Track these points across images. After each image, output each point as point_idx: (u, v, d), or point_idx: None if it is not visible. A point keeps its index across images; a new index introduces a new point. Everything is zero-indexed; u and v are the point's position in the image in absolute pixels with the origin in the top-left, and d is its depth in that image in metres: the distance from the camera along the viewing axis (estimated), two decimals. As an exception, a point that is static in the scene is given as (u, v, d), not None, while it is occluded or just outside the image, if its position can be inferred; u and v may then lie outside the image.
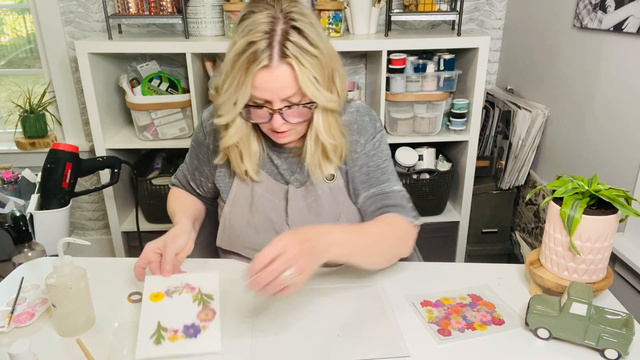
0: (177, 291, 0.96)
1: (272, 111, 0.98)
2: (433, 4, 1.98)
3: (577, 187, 0.97)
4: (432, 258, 1.24)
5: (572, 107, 1.85)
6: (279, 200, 1.13)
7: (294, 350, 0.90)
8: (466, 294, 1.05)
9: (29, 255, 1.23)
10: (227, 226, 1.18)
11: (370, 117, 1.14)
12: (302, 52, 0.93)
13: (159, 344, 0.86)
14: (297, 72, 0.93)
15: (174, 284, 0.97)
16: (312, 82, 0.95)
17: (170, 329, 0.89)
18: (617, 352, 0.86)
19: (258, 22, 0.93)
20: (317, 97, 0.97)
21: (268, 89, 0.95)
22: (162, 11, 1.95)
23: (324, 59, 0.96)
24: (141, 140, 2.07)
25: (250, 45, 0.92)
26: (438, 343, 0.92)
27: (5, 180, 1.79)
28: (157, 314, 0.91)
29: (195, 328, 0.89)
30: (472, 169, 2.09)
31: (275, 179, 1.14)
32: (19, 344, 0.75)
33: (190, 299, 0.94)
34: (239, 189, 1.15)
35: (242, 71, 0.93)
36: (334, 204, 1.13)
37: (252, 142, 1.09)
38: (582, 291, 0.88)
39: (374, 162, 1.12)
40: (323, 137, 1.04)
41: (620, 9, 1.53)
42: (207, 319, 0.91)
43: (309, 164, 1.08)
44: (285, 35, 0.92)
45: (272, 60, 0.92)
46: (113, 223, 2.16)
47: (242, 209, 1.15)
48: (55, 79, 2.30)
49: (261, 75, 0.93)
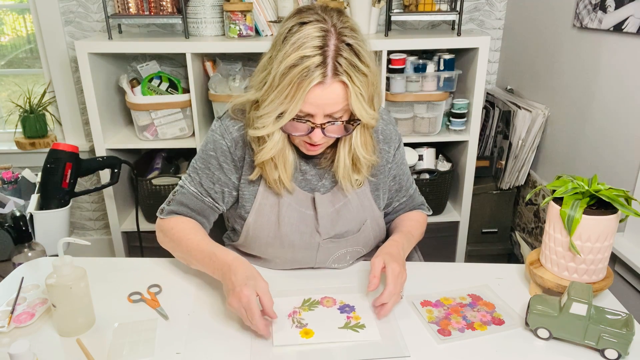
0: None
1: (314, 125, 0.97)
2: (433, 4, 1.98)
3: (577, 187, 0.97)
4: (432, 258, 1.24)
5: (572, 107, 1.85)
6: (306, 209, 1.11)
7: (294, 349, 0.90)
8: (466, 294, 1.05)
9: (29, 255, 1.23)
10: (251, 236, 1.14)
11: (393, 125, 1.19)
12: (354, 70, 0.92)
13: (357, 331, 0.94)
14: (351, 91, 0.93)
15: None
16: (360, 100, 0.95)
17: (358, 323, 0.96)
18: (617, 352, 0.86)
19: (310, 36, 0.91)
20: (362, 115, 0.97)
21: (317, 104, 0.94)
22: (162, 11, 1.95)
23: (371, 77, 0.96)
24: (141, 140, 2.07)
25: (302, 60, 0.90)
26: (438, 343, 0.92)
27: (5, 180, 1.79)
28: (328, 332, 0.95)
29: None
30: (472, 169, 2.09)
31: (300, 186, 1.11)
32: (19, 344, 0.75)
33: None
34: (265, 198, 1.10)
35: (293, 86, 0.91)
36: (361, 209, 1.14)
37: (288, 154, 1.06)
38: (582, 291, 0.88)
39: (402, 171, 1.22)
40: (360, 153, 1.04)
41: (620, 9, 1.53)
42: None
43: (341, 176, 1.08)
44: (338, 51, 0.91)
45: (325, 77, 0.91)
46: (113, 223, 2.16)
47: (269, 219, 1.11)
48: (55, 79, 2.30)
49: (314, 92, 0.92)
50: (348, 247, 1.15)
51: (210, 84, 2.04)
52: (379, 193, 1.17)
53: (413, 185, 1.27)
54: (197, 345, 0.91)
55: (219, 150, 1.10)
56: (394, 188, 1.21)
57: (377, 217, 1.18)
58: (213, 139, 1.11)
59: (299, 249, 1.12)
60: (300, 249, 1.12)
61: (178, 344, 0.91)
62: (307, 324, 0.96)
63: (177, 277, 1.12)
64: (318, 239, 1.11)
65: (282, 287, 1.07)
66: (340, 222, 1.12)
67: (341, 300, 1.03)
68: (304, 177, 1.12)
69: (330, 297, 1.04)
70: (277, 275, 1.14)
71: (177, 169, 2.23)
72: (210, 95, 2.04)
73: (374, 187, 1.16)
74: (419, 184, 2.10)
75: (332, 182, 1.12)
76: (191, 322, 0.97)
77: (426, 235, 1.25)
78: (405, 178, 1.23)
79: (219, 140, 1.10)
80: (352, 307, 1.01)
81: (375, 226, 1.18)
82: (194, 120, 2.01)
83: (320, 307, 1.01)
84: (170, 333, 0.94)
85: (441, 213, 2.21)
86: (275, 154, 1.03)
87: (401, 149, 1.21)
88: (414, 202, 1.27)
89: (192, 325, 0.96)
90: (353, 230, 1.14)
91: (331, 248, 1.13)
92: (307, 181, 1.12)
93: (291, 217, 1.10)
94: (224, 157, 1.11)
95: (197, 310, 1.01)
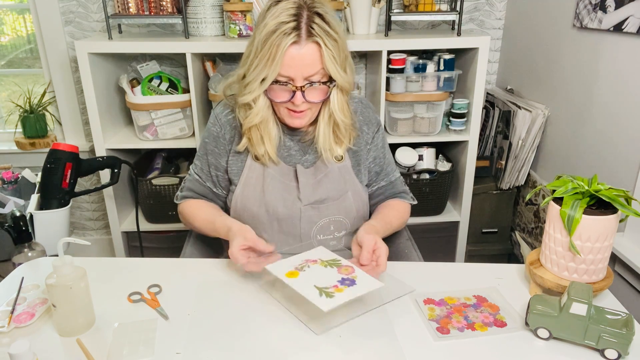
0: (304, 266, 1.04)
1: (295, 88, 1.08)
2: (433, 4, 1.98)
3: (577, 187, 0.97)
4: (432, 258, 1.24)
5: (572, 107, 1.85)
6: (289, 181, 1.21)
7: (291, 348, 0.90)
8: (472, 295, 1.05)
9: (29, 255, 1.23)
10: (239, 207, 1.23)
11: (372, 110, 1.30)
12: (325, 34, 1.05)
13: (331, 297, 0.91)
14: (323, 51, 1.05)
15: (294, 263, 1.05)
16: (333, 62, 1.07)
17: (330, 286, 0.95)
18: (617, 352, 0.86)
19: (285, 7, 1.05)
20: (336, 76, 1.09)
21: (294, 65, 1.05)
22: (162, 11, 1.95)
23: (341, 43, 1.09)
24: (141, 140, 2.07)
25: (280, 25, 1.03)
26: (435, 340, 0.92)
27: (5, 180, 1.79)
28: (307, 282, 0.97)
29: (350, 280, 0.97)
30: (472, 169, 2.09)
31: (285, 161, 1.22)
32: (19, 344, 0.75)
33: (321, 267, 1.03)
34: (251, 170, 1.22)
35: (273, 47, 1.03)
36: (342, 182, 1.23)
37: (272, 126, 1.18)
38: (582, 291, 0.88)
39: (382, 154, 1.31)
40: (338, 116, 1.15)
41: (620, 9, 1.53)
42: (350, 272, 1.00)
43: (321, 146, 1.18)
44: (311, 19, 1.05)
45: (300, 38, 1.04)
46: (113, 223, 2.16)
47: (254, 189, 1.21)
48: (55, 79, 2.30)
49: (290, 52, 1.04)
50: (330, 216, 1.23)
51: (210, 84, 2.04)
52: (360, 168, 1.26)
53: (395, 174, 1.34)
54: (197, 345, 0.91)
55: (211, 137, 1.25)
56: (373, 170, 1.30)
57: (359, 190, 1.26)
58: (207, 127, 1.27)
59: (283, 217, 1.20)
60: (284, 217, 1.21)
61: (178, 344, 0.91)
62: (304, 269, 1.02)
63: (177, 277, 1.12)
64: (299, 205, 1.20)
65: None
66: (321, 189, 1.21)
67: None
68: (289, 152, 1.23)
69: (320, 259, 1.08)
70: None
71: (177, 169, 2.23)
72: (210, 95, 2.04)
73: (355, 163, 1.25)
74: (419, 184, 2.12)
75: (315, 156, 1.23)
76: (191, 322, 0.97)
77: (426, 235, 1.26)
78: (386, 162, 1.32)
79: (210, 128, 1.25)
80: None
81: (357, 199, 1.26)
82: (194, 120, 2.01)
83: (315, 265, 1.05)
84: (170, 333, 0.94)
85: (441, 213, 2.21)
86: (262, 119, 1.15)
87: (380, 133, 1.30)
88: (394, 188, 1.33)
89: (192, 325, 0.96)
90: (333, 197, 1.22)
91: (313, 216, 1.22)
92: (291, 156, 1.23)
93: (275, 187, 1.20)
94: (215, 143, 1.24)
95: (197, 310, 1.01)
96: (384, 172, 1.31)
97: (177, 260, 1.16)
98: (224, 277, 1.12)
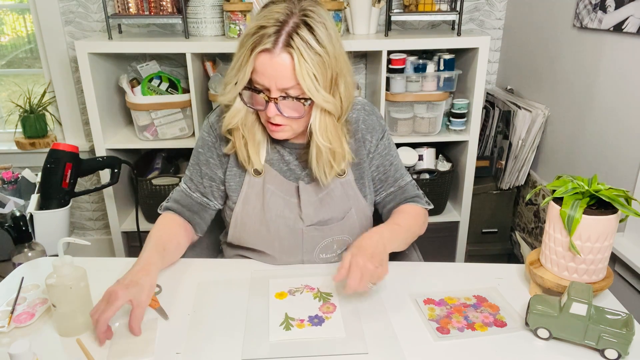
0: (298, 290, 1.07)
1: (268, 99, 1.00)
2: (433, 4, 1.98)
3: (577, 187, 0.97)
4: (432, 258, 1.24)
5: (572, 107, 1.85)
6: (290, 197, 1.15)
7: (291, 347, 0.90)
8: (472, 295, 1.05)
9: (29, 255, 1.23)
10: (239, 224, 1.18)
11: (376, 116, 1.20)
12: (307, 47, 0.95)
13: (288, 330, 0.95)
14: (296, 64, 0.95)
15: (292, 284, 1.08)
16: (311, 78, 0.96)
17: (297, 319, 0.98)
18: (617, 352, 0.86)
19: (274, 11, 0.97)
20: (312, 94, 0.98)
21: (267, 74, 0.97)
22: (162, 11, 1.95)
23: (328, 60, 0.98)
24: (141, 140, 2.07)
25: (260, 29, 0.96)
26: (435, 340, 0.92)
27: (5, 180, 1.79)
28: (283, 308, 1.01)
29: (320, 318, 0.98)
30: (472, 169, 2.09)
31: (285, 176, 1.15)
32: (19, 344, 0.75)
33: (311, 297, 1.04)
34: (250, 187, 1.15)
35: (247, 52, 0.97)
36: (345, 198, 1.16)
37: (257, 132, 1.11)
38: (582, 291, 0.88)
39: (388, 161, 1.21)
40: (317, 138, 1.04)
41: (620, 9, 1.53)
42: (329, 312, 1.00)
43: (315, 170, 1.10)
44: (295, 28, 0.96)
45: (275, 46, 0.95)
46: (113, 223, 2.16)
47: (254, 207, 1.15)
48: (55, 79, 2.30)
49: (262, 59, 0.96)
50: (333, 236, 1.18)
51: (210, 84, 2.04)
52: (363, 181, 1.19)
53: (406, 178, 1.24)
54: (197, 345, 0.91)
55: (205, 146, 1.18)
56: (377, 178, 1.21)
57: (363, 207, 1.19)
58: (201, 136, 1.19)
59: (285, 236, 1.15)
60: (286, 236, 1.15)
61: (178, 344, 0.91)
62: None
63: (177, 277, 1.12)
64: (301, 225, 1.15)
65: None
66: (323, 209, 1.15)
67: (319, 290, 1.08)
68: (288, 167, 1.16)
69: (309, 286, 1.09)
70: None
71: (177, 169, 2.23)
72: (210, 95, 2.04)
73: (358, 176, 1.18)
74: (419, 184, 2.11)
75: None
76: (191, 322, 0.97)
77: (426, 235, 1.25)
78: (392, 168, 1.22)
79: (205, 137, 1.18)
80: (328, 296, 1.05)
81: (361, 215, 1.20)
82: (194, 120, 2.01)
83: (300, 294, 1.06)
84: (170, 333, 0.94)
85: (441, 213, 2.21)
86: (241, 125, 1.08)
87: (386, 140, 1.20)
88: (405, 194, 1.23)
89: (192, 325, 0.96)
90: (337, 218, 1.16)
91: (316, 237, 1.16)
92: (291, 171, 1.16)
93: (275, 204, 1.14)
94: (210, 153, 1.17)
95: (197, 310, 1.01)
96: (391, 178, 1.22)
97: (177, 261, 1.16)
98: (224, 277, 1.12)
